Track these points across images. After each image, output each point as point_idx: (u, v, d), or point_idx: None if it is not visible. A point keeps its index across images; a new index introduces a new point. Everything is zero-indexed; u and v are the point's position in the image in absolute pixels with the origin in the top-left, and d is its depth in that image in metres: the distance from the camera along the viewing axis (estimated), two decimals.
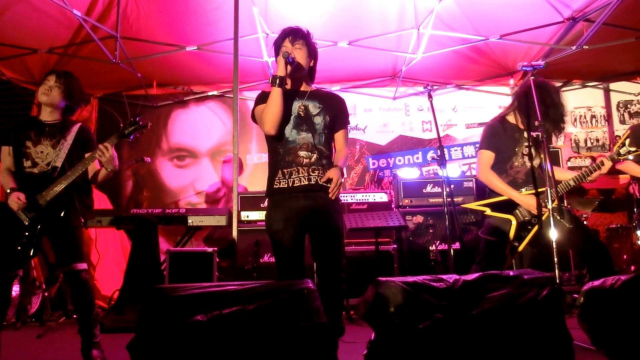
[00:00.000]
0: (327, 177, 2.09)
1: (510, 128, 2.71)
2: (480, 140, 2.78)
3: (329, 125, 2.18)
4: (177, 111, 5.61)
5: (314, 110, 2.18)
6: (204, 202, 5.42)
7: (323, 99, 2.21)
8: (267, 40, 4.48)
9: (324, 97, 2.22)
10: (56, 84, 2.52)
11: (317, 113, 2.17)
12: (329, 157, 2.18)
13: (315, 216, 2.10)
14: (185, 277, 3.59)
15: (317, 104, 2.19)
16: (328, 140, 2.20)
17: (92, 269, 4.57)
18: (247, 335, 1.54)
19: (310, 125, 2.14)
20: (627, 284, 1.61)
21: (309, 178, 2.09)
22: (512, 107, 2.77)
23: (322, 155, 2.15)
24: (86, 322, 2.42)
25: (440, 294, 1.62)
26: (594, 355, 1.89)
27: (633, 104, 5.71)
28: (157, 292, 1.66)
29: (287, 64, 2.06)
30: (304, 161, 2.11)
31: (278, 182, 2.13)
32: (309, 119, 2.14)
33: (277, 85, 2.05)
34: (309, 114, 2.16)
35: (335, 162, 2.18)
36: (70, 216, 2.45)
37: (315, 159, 2.12)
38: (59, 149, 2.49)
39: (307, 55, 2.17)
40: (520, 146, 2.68)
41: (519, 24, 4.30)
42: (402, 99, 5.69)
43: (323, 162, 2.14)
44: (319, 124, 2.16)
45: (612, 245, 4.36)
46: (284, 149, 2.14)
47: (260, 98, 2.20)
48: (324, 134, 2.16)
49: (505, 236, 2.57)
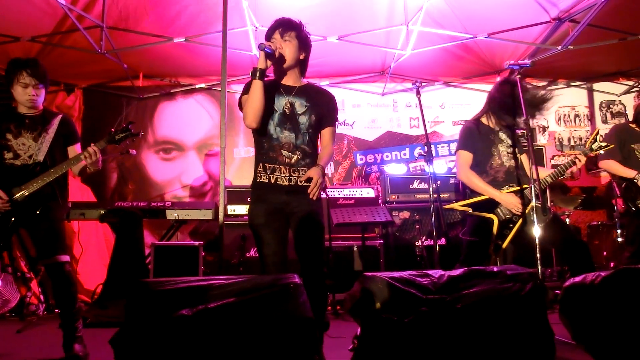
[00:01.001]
0: (306, 177, 2.07)
1: (484, 130, 2.76)
2: (458, 141, 2.83)
3: (314, 124, 2.15)
4: (163, 103, 5.53)
5: (300, 109, 2.14)
6: (190, 196, 5.38)
7: (311, 96, 2.17)
8: (256, 33, 4.44)
9: (312, 94, 2.18)
10: (33, 81, 2.43)
11: (302, 112, 2.14)
12: (312, 156, 2.16)
13: (296, 212, 2.10)
14: (171, 271, 3.56)
15: (304, 101, 2.15)
16: (312, 140, 2.17)
17: (75, 263, 4.50)
18: (233, 330, 1.54)
19: (294, 124, 2.11)
20: (607, 280, 1.64)
21: (289, 178, 2.10)
22: (485, 110, 2.82)
23: (305, 154, 2.13)
24: (68, 316, 2.38)
25: (426, 288, 1.64)
26: (574, 349, 1.94)
27: (615, 104, 5.83)
28: (141, 286, 1.64)
29: (267, 56, 2.01)
30: (286, 160, 2.10)
31: (260, 175, 2.13)
32: (293, 118, 2.12)
33: (257, 78, 2.01)
34: (294, 113, 2.13)
35: (318, 161, 2.15)
36: (52, 209, 2.41)
37: (296, 160, 2.11)
38: (41, 142, 2.44)
39: (297, 48, 2.12)
40: (495, 147, 2.73)
41: (506, 22, 4.35)
42: (391, 95, 5.71)
43: (306, 161, 2.12)
44: (304, 124, 2.13)
45: (593, 242, 4.46)
46: (268, 143, 2.13)
47: (246, 88, 2.17)
48: (308, 133, 2.14)
49: (487, 235, 2.60)
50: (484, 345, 1.55)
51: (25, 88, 2.44)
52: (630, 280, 1.61)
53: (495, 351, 1.55)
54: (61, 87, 5.20)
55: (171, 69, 5.25)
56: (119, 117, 5.34)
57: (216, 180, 5.33)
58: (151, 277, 3.58)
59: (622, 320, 1.55)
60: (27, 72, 2.43)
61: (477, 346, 1.55)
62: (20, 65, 2.45)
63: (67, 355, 2.33)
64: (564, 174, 2.66)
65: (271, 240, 2.09)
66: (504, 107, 2.68)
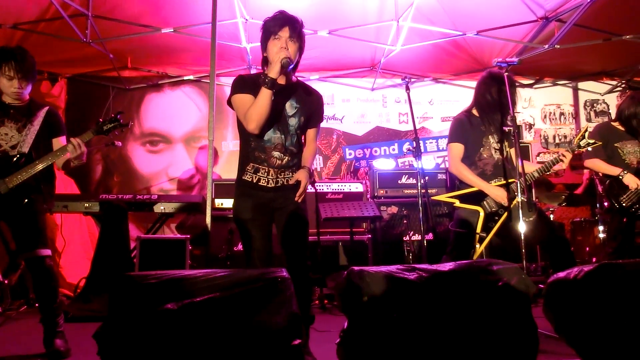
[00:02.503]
0: (295, 179, 2.09)
1: (475, 121, 2.79)
2: (449, 134, 2.85)
3: (302, 125, 2.17)
4: (150, 95, 5.45)
5: (290, 110, 2.13)
6: (177, 189, 5.32)
7: (301, 96, 2.16)
8: (246, 25, 4.39)
9: (302, 95, 2.17)
10: (19, 74, 2.36)
11: (293, 114, 2.14)
12: (299, 156, 2.18)
13: (282, 207, 2.11)
14: (157, 265, 3.52)
15: (294, 103, 2.14)
16: (299, 140, 2.19)
17: (57, 256, 4.41)
18: (219, 324, 1.53)
19: (284, 126, 2.11)
20: (589, 275, 1.67)
21: (276, 180, 2.11)
22: (473, 103, 2.84)
23: (293, 156, 2.14)
24: (49, 310, 2.34)
25: (413, 283, 1.65)
26: (557, 342, 1.97)
27: (599, 103, 5.93)
28: (126, 280, 1.62)
29: (282, 68, 1.98)
30: (276, 162, 2.10)
31: (245, 173, 2.13)
32: (283, 120, 2.11)
33: (269, 88, 1.97)
34: (285, 115, 2.12)
35: (304, 163, 2.17)
36: (33, 201, 2.36)
37: (286, 161, 2.12)
38: (25, 133, 2.38)
39: (299, 49, 2.09)
40: (486, 138, 2.76)
41: (495, 21, 4.38)
42: (380, 90, 5.71)
43: (294, 161, 2.15)
44: (293, 126, 2.13)
45: (576, 238, 4.54)
46: (256, 143, 2.11)
47: (240, 85, 2.11)
48: (296, 134, 2.15)
49: (473, 227, 2.64)
50: (470, 338, 1.57)
51: (11, 80, 2.36)
52: (611, 275, 1.64)
53: (480, 343, 1.57)
54: (44, 75, 5.08)
55: (159, 60, 5.17)
56: (104, 107, 5.25)
57: (204, 173, 5.28)
58: (136, 271, 3.53)
59: (602, 313, 1.58)
60: (13, 65, 2.35)
61: (463, 339, 1.56)
62: (7, 56, 2.36)
63: (47, 350, 2.28)
64: (550, 170, 2.70)
65: (257, 234, 2.09)
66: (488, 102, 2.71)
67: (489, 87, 2.72)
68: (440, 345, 1.55)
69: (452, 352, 1.55)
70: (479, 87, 2.79)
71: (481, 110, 2.77)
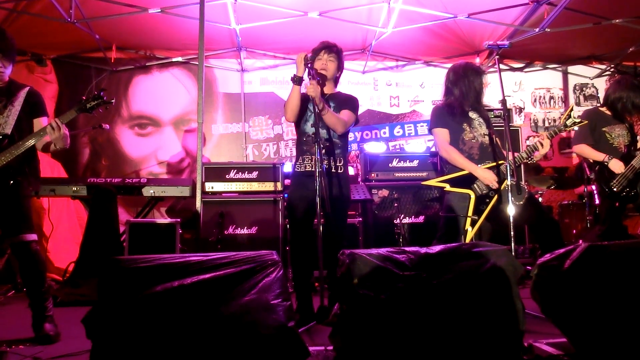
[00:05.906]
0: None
1: (453, 109, 2.80)
2: (431, 122, 2.88)
3: None
4: (138, 77, 5.34)
5: None
6: (167, 172, 5.27)
7: (339, 100, 2.75)
8: (234, 6, 4.29)
9: (340, 99, 2.76)
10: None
11: None
12: (340, 147, 2.68)
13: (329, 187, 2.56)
14: (147, 249, 3.50)
15: (333, 104, 2.71)
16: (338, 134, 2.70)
17: (45, 241, 4.36)
18: (208, 308, 1.53)
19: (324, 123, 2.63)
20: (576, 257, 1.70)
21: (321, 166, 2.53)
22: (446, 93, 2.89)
23: (335, 146, 2.68)
24: (37, 295, 2.32)
25: (403, 265, 1.66)
26: (543, 322, 2.01)
27: (588, 87, 5.96)
28: (115, 264, 1.61)
29: (306, 66, 2.57)
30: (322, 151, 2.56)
31: (298, 166, 2.70)
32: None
33: (296, 84, 2.60)
34: None
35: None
36: (19, 184, 2.31)
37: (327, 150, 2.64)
38: (7, 115, 2.32)
39: (337, 67, 2.76)
40: (467, 120, 2.78)
41: (486, 3, 4.34)
42: (371, 74, 5.67)
43: (336, 152, 2.68)
44: None
45: (564, 221, 4.61)
46: (305, 137, 2.68)
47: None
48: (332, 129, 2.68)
49: (464, 211, 2.65)
50: (459, 319, 1.59)
51: None
52: (597, 257, 1.67)
53: (469, 324, 1.59)
54: (28, 56, 4.95)
55: (146, 41, 5.05)
56: (90, 90, 5.14)
57: (193, 156, 5.23)
58: (126, 255, 3.51)
59: (589, 294, 1.62)
60: None
61: (452, 320, 1.59)
62: None
63: (37, 335, 2.27)
64: (531, 157, 2.72)
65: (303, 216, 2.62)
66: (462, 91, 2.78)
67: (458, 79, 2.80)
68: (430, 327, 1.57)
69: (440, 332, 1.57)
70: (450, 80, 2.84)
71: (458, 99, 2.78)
